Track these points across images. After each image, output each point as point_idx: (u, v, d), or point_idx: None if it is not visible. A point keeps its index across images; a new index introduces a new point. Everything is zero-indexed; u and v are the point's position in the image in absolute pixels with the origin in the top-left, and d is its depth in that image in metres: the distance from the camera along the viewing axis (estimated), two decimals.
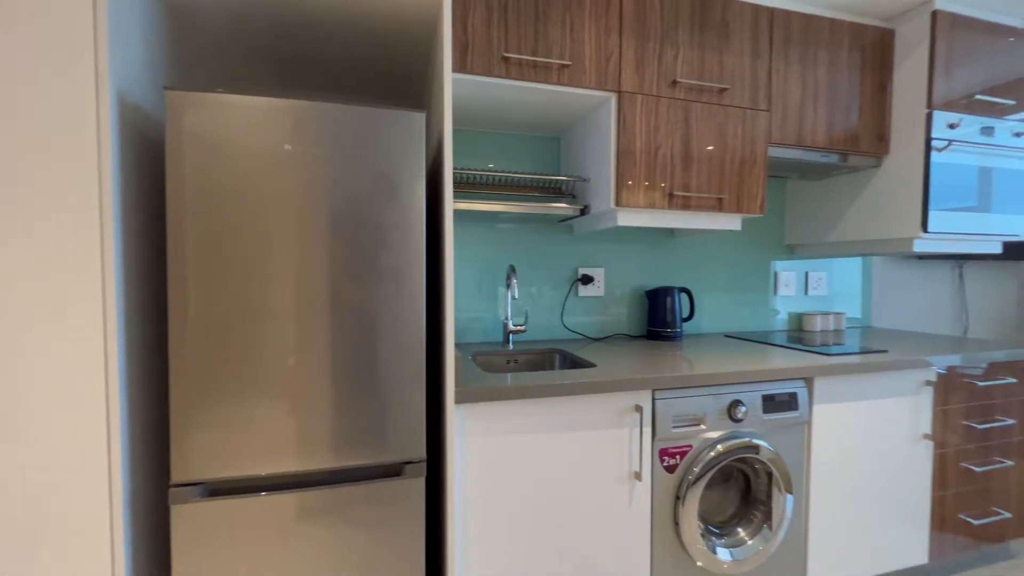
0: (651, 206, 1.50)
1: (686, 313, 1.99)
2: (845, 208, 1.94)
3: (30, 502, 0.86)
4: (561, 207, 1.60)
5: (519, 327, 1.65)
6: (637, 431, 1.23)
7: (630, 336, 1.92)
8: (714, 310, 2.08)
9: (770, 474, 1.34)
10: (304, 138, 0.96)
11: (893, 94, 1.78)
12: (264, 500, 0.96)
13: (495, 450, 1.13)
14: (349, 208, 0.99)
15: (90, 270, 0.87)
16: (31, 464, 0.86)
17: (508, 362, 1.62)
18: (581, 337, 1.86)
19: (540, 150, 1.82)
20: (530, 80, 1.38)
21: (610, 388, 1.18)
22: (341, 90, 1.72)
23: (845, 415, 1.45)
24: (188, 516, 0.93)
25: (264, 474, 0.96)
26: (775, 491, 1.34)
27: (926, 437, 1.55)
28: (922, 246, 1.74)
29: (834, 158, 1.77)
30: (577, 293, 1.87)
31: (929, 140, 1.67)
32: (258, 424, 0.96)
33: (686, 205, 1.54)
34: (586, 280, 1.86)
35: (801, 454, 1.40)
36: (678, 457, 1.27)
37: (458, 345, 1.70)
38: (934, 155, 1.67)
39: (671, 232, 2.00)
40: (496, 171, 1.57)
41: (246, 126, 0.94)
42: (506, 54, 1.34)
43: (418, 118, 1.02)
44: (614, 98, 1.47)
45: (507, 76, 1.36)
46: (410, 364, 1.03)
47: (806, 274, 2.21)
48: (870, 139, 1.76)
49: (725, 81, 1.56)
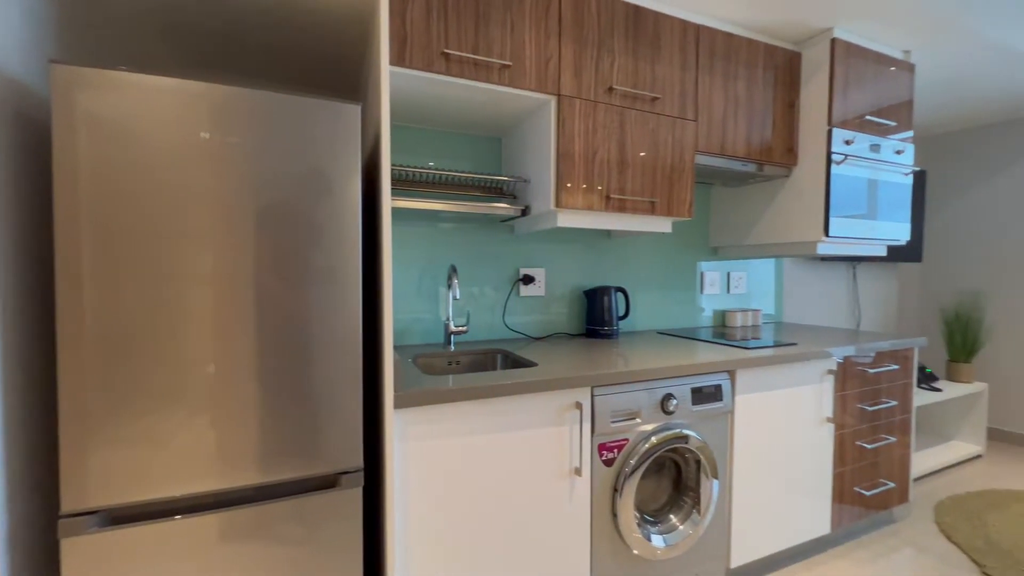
0: (589, 208, 1.54)
1: (622, 311, 2.08)
2: (761, 213, 2.12)
3: None
4: (502, 207, 1.60)
5: (461, 328, 1.64)
6: (577, 427, 1.26)
7: (570, 335, 1.96)
8: (647, 308, 2.18)
9: (698, 462, 1.43)
10: (225, 127, 0.88)
11: (800, 111, 1.96)
12: (179, 524, 0.87)
13: (437, 454, 1.11)
14: (277, 204, 0.92)
15: None
16: None
17: (450, 364, 1.59)
18: (523, 337, 1.88)
19: (481, 150, 1.81)
20: (471, 78, 1.37)
21: (551, 387, 1.19)
22: (270, 79, 1.61)
23: (762, 403, 1.58)
24: (83, 550, 0.82)
25: (179, 495, 0.87)
26: (703, 477, 1.43)
27: (828, 420, 1.73)
28: (824, 249, 1.94)
29: (752, 167, 1.92)
30: (519, 293, 1.88)
31: (830, 154, 1.86)
32: (172, 440, 0.86)
33: (622, 207, 1.60)
34: (527, 280, 1.88)
35: (725, 441, 1.51)
36: (616, 451, 1.31)
37: (398, 347, 1.65)
38: (833, 167, 1.87)
39: (608, 233, 2.07)
40: (437, 169, 1.54)
41: (155, 110, 0.84)
42: (446, 50, 1.32)
43: (353, 110, 0.97)
44: (554, 101, 1.49)
45: (447, 73, 1.33)
46: (346, 369, 0.98)
47: (728, 274, 2.39)
48: (781, 151, 1.94)
49: (657, 90, 1.64)
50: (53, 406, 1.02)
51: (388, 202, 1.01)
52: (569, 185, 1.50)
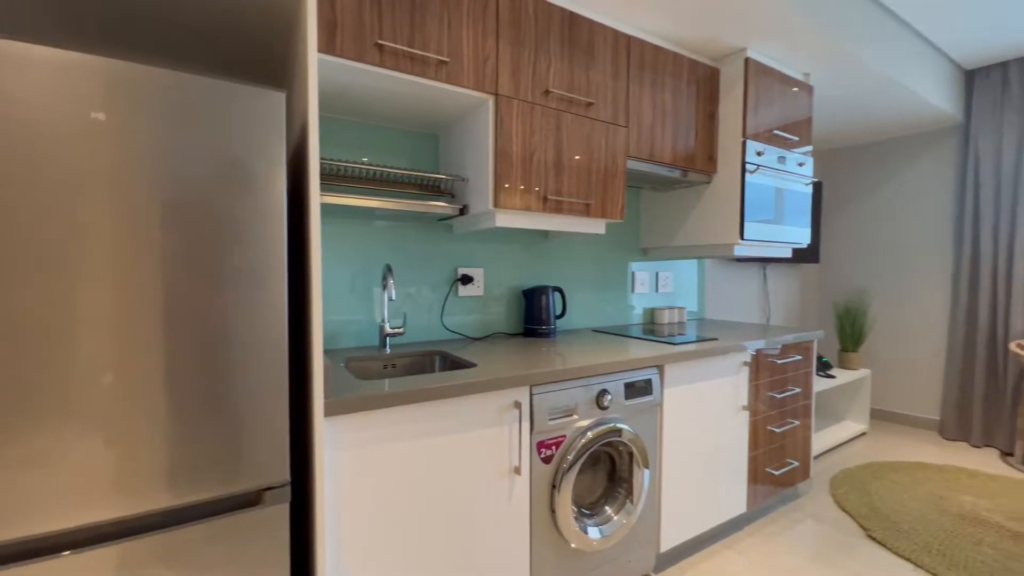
0: (527, 208, 1.56)
1: (559, 311, 2.12)
2: (685, 217, 2.26)
3: None
4: (440, 206, 1.57)
5: (397, 329, 1.59)
6: (516, 427, 1.27)
7: (508, 334, 1.98)
8: (583, 307, 2.25)
9: (631, 454, 1.50)
10: (124, 107, 0.78)
11: (719, 122, 2.12)
12: (69, 562, 0.76)
13: (373, 462, 1.07)
14: (190, 197, 0.84)
15: None
16: None
17: (386, 367, 1.54)
18: (462, 337, 1.86)
19: (418, 146, 1.77)
20: (407, 72, 1.33)
21: (491, 387, 1.19)
22: (191, 63, 1.45)
23: (687, 395, 1.68)
24: None
25: (70, 527, 0.76)
26: (635, 468, 1.50)
27: (744, 408, 1.88)
28: (740, 250, 2.11)
29: (677, 173, 2.05)
30: (457, 293, 1.86)
31: (744, 163, 2.03)
32: (61, 462, 0.75)
33: (558, 209, 1.63)
34: (466, 280, 1.86)
35: (655, 432, 1.59)
36: (554, 448, 1.34)
37: (329, 352, 1.57)
38: (748, 176, 2.04)
39: (545, 234, 2.11)
40: (371, 165, 1.48)
41: (35, 85, 0.73)
42: (380, 41, 1.27)
43: (277, 98, 0.90)
44: (492, 100, 1.49)
45: (382, 65, 1.28)
46: (270, 376, 0.91)
47: (657, 274, 2.53)
48: (703, 159, 2.08)
49: (591, 96, 1.70)
50: None
51: (317, 198, 0.95)
52: (507, 185, 1.51)
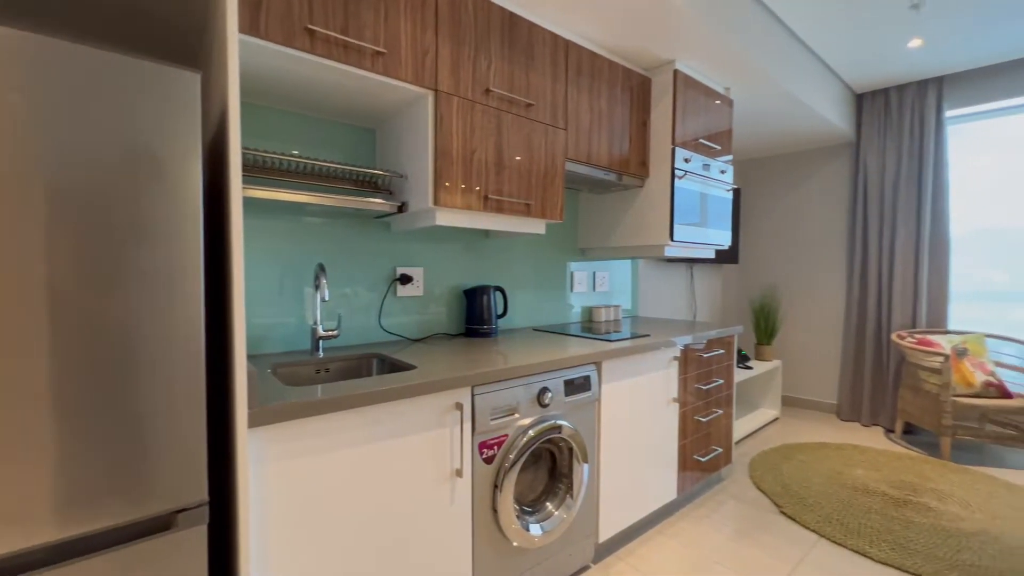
0: (468, 207, 1.54)
1: (501, 310, 2.13)
2: (620, 219, 2.35)
3: None
4: (377, 203, 1.51)
5: (331, 332, 1.51)
6: (458, 428, 1.26)
7: (449, 335, 1.95)
8: (524, 306, 2.27)
9: (571, 449, 1.53)
10: (5, 82, 0.67)
11: (651, 130, 2.23)
12: None
13: (305, 473, 1.00)
14: (86, 188, 0.73)
15: None
16: None
17: (318, 372, 1.46)
18: (401, 339, 1.81)
19: (354, 140, 1.69)
20: (341, 61, 1.26)
21: (431, 389, 1.16)
22: (93, 38, 1.28)
23: (624, 390, 1.75)
24: None
25: None
26: (575, 463, 1.54)
27: (674, 400, 2.00)
28: (670, 251, 2.23)
29: (613, 176, 2.12)
30: (396, 293, 1.80)
31: (673, 169, 2.15)
32: None
33: (499, 208, 1.63)
34: (405, 280, 1.81)
35: (593, 427, 1.64)
36: (495, 448, 1.34)
37: (255, 357, 1.46)
38: (677, 181, 2.16)
39: (486, 233, 2.10)
40: (302, 158, 1.39)
41: None
42: (311, 26, 1.19)
43: (191, 79, 0.82)
44: (431, 96, 1.46)
45: (313, 51, 1.21)
46: (184, 387, 0.82)
47: (594, 273, 2.61)
48: (637, 164, 2.18)
49: (532, 97, 1.71)
50: None
51: (239, 191, 0.87)
52: (448, 184, 1.48)
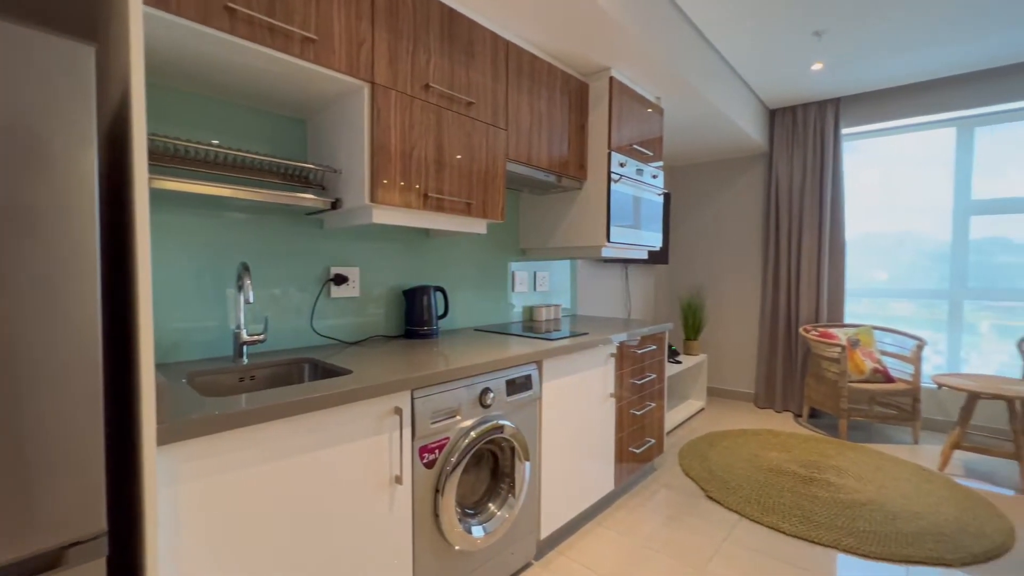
0: (407, 206, 1.50)
1: (441, 311, 2.09)
2: (560, 220, 2.40)
3: None
4: (309, 198, 1.43)
5: (256, 336, 1.40)
6: (397, 433, 1.22)
7: (388, 337, 1.88)
8: (465, 307, 2.25)
9: (513, 448, 1.54)
10: None
11: (589, 134, 2.30)
12: None
13: (228, 490, 0.92)
14: None
15: None
16: None
17: (242, 380, 1.35)
18: (335, 342, 1.72)
19: (282, 131, 1.58)
20: (265, 44, 1.17)
21: (368, 394, 1.12)
22: None
23: (563, 387, 1.79)
24: None
25: None
26: (517, 462, 1.54)
27: (611, 396, 2.07)
28: (607, 252, 2.31)
29: (553, 178, 2.16)
30: (329, 294, 1.71)
31: (610, 173, 2.23)
32: None
33: (439, 207, 1.60)
34: (340, 280, 1.72)
35: (535, 426, 1.66)
36: (437, 452, 1.31)
37: (167, 366, 1.32)
38: (613, 185, 2.24)
39: (426, 232, 2.06)
40: (223, 148, 1.27)
41: None
42: (231, 4, 1.10)
43: (84, 52, 0.72)
44: (367, 88, 1.40)
45: (232, 32, 1.12)
46: (78, 401, 0.72)
47: (535, 273, 2.65)
48: (575, 166, 2.23)
49: (472, 96, 1.70)
50: None
51: (144, 181, 0.78)
52: (386, 181, 1.43)
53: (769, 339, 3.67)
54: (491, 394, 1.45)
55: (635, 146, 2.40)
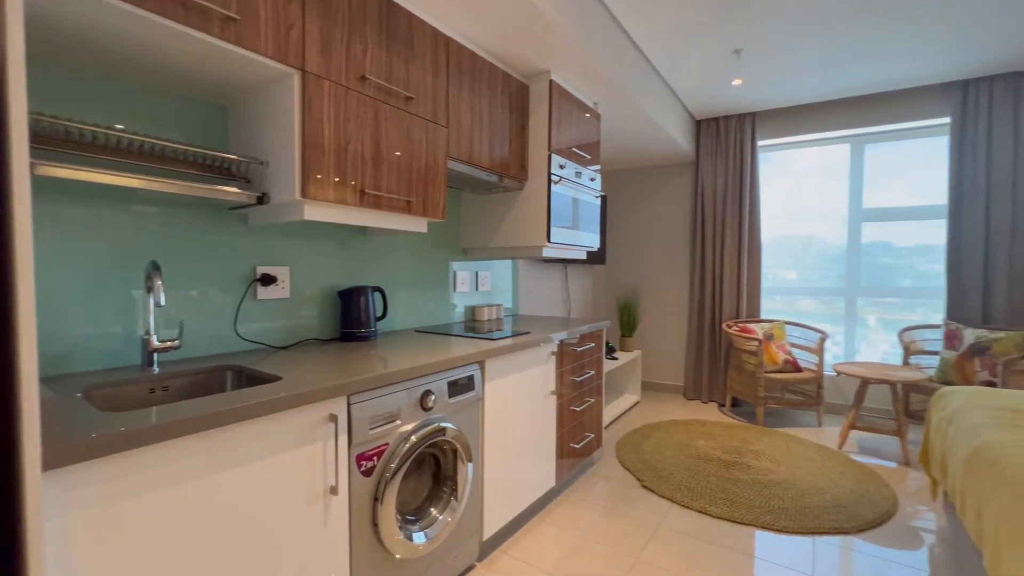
0: (342, 202, 1.43)
1: (380, 312, 2.02)
2: (502, 220, 2.41)
3: None
4: (231, 191, 1.32)
5: (169, 343, 1.27)
6: (332, 442, 1.15)
7: (322, 340, 1.79)
8: (405, 307, 2.19)
9: (455, 451, 1.51)
10: None
11: (530, 135, 2.32)
12: None
13: (135, 517, 0.82)
14: None
15: None
16: None
17: (153, 391, 1.21)
18: (263, 347, 1.60)
19: (201, 118, 1.44)
20: (179, 21, 1.06)
21: (299, 402, 1.05)
22: None
23: (506, 387, 1.80)
24: None
25: None
26: (459, 464, 1.53)
27: (552, 393, 2.11)
28: (547, 252, 2.35)
29: (495, 178, 2.16)
30: (256, 296, 1.59)
31: (550, 174, 2.27)
32: None
33: (377, 204, 1.54)
34: (267, 280, 1.61)
35: (477, 426, 1.65)
36: (375, 459, 1.26)
37: (57, 379, 1.16)
38: (553, 186, 2.28)
39: (363, 230, 1.98)
40: (129, 133, 1.14)
41: None
42: None
43: None
44: (298, 76, 1.31)
45: (140, 5, 1.00)
46: None
47: (476, 273, 2.63)
48: (516, 167, 2.25)
49: (411, 90, 1.65)
50: None
51: (25, 168, 0.68)
52: (319, 176, 1.36)
53: (696, 335, 3.92)
54: (432, 396, 1.42)
55: (574, 149, 2.46)
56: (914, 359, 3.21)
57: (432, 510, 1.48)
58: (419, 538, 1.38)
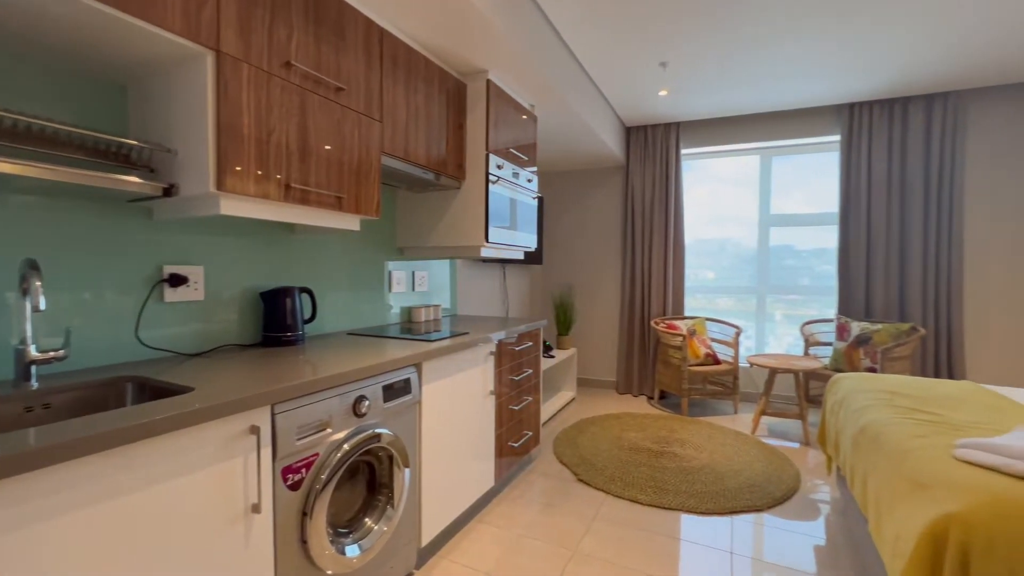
0: (265, 196, 1.33)
1: (308, 314, 1.90)
2: (439, 219, 2.37)
3: None
4: (133, 181, 1.17)
5: (51, 353, 1.10)
6: (254, 456, 1.07)
7: (243, 346, 1.65)
8: (337, 309, 2.08)
9: (391, 457, 1.46)
10: None
11: (467, 134, 2.30)
12: None
13: (10, 559, 0.70)
14: None
15: None
16: None
17: (30, 409, 1.05)
18: (172, 355, 1.45)
19: (94, 97, 1.27)
20: None
21: (214, 414, 0.96)
22: None
23: (444, 389, 1.77)
24: None
25: None
26: (396, 470, 1.48)
27: (491, 393, 2.11)
28: (485, 252, 2.35)
29: (431, 176, 2.12)
30: (162, 298, 1.43)
31: (488, 174, 2.26)
32: None
33: (305, 200, 1.45)
34: (177, 281, 1.45)
35: (415, 430, 1.61)
36: (303, 471, 1.18)
37: None
38: (491, 186, 2.28)
39: (291, 228, 1.85)
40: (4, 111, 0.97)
41: None
42: None
43: None
44: (211, 57, 1.20)
45: None
46: None
47: (413, 273, 2.57)
48: (454, 165, 2.22)
49: (342, 81, 1.57)
50: None
51: None
52: (239, 168, 1.25)
53: (627, 332, 4.11)
54: (366, 402, 1.36)
55: (511, 150, 2.47)
56: (813, 350, 3.59)
57: (367, 520, 1.42)
58: (352, 551, 1.32)
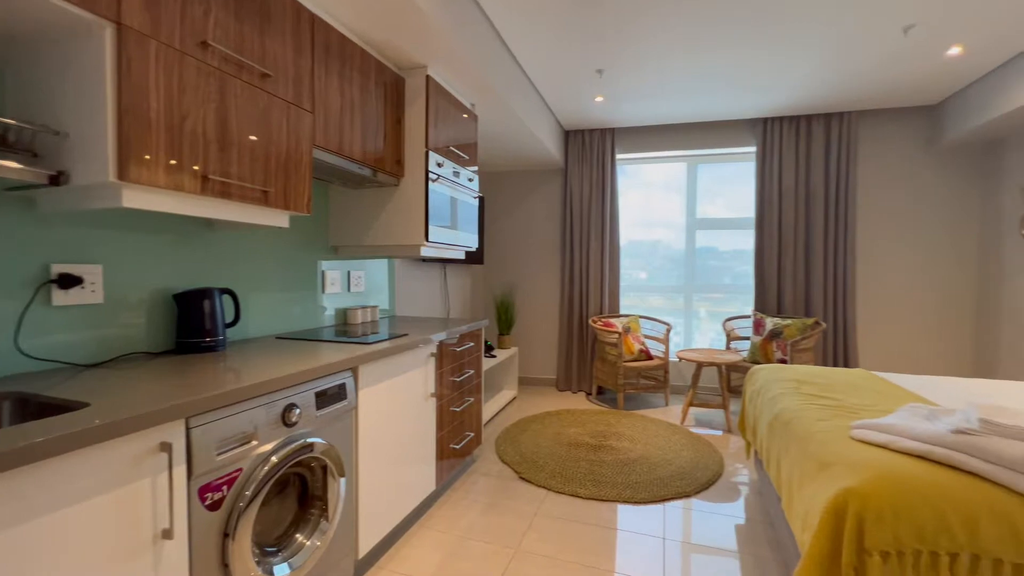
0: (178, 188, 1.20)
1: (230, 317, 1.76)
2: (376, 216, 2.28)
3: None
4: (10, 167, 1.01)
5: None
6: (165, 476, 0.96)
7: (152, 353, 1.49)
8: (264, 312, 1.94)
9: (325, 467, 1.39)
10: None
11: (406, 130, 2.24)
12: None
13: None
14: None
15: None
16: None
17: None
18: (64, 366, 1.27)
19: None
20: None
21: (114, 432, 0.85)
22: None
23: (382, 393, 1.70)
24: None
25: None
26: (330, 481, 1.40)
27: (432, 395, 2.07)
28: (425, 252, 2.29)
29: (367, 171, 2.04)
30: (51, 301, 1.25)
31: (427, 172, 2.21)
32: None
33: (225, 193, 1.34)
34: (68, 282, 1.28)
35: (350, 438, 1.53)
36: (225, 488, 1.09)
37: None
38: (431, 184, 2.23)
39: (209, 223, 1.69)
40: None
41: None
42: None
43: None
44: (111, 29, 1.07)
45: None
46: None
47: (348, 273, 2.45)
48: (392, 162, 2.15)
49: (268, 67, 1.47)
50: None
51: None
52: (147, 156, 1.12)
53: (567, 330, 4.21)
54: (297, 410, 1.27)
55: (452, 148, 2.44)
56: (734, 344, 3.89)
57: (298, 536, 1.34)
58: (282, 570, 1.23)
